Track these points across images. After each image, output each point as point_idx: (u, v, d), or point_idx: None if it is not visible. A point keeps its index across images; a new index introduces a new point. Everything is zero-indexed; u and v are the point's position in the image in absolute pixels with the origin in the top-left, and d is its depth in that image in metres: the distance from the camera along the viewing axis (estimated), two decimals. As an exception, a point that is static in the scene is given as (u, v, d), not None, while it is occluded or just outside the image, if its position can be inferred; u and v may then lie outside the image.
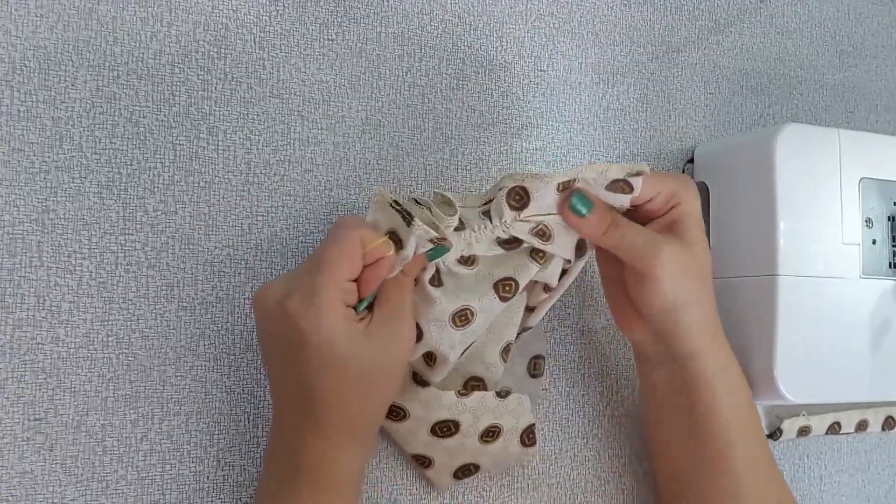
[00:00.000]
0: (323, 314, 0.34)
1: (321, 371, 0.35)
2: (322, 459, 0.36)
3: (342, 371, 0.35)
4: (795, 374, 0.44)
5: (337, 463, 0.36)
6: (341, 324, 0.35)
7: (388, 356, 0.37)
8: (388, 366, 0.37)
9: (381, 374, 0.37)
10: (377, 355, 0.36)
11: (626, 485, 0.49)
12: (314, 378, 0.35)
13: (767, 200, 0.45)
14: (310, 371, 0.35)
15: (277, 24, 0.44)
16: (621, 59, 0.52)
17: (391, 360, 0.37)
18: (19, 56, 0.38)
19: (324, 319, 0.34)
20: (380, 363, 0.36)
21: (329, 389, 0.35)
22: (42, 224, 0.38)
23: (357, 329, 0.36)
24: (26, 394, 0.37)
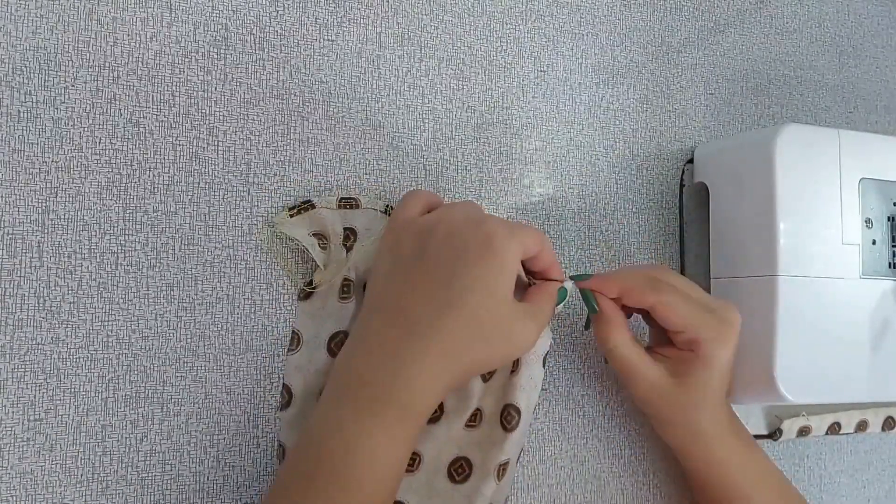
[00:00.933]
0: (515, 251, 0.36)
1: (475, 290, 0.35)
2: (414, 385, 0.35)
3: (487, 307, 0.36)
4: (795, 374, 0.44)
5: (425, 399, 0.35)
6: (517, 268, 0.37)
7: (519, 339, 0.38)
8: (511, 346, 0.38)
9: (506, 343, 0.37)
10: (521, 323, 0.37)
11: (625, 485, 0.49)
12: (466, 292, 0.35)
13: (767, 200, 0.45)
14: (466, 286, 0.35)
15: (277, 24, 0.44)
16: (621, 59, 0.52)
17: (516, 346, 0.38)
18: (19, 56, 0.38)
19: (514, 255, 0.36)
20: (516, 333, 0.37)
21: (461, 315, 0.35)
22: (42, 224, 0.38)
23: (517, 303, 0.38)
24: (26, 394, 0.37)
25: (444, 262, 0.36)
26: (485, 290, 0.35)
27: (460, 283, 0.35)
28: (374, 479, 0.34)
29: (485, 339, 0.36)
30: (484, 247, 0.36)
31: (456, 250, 0.36)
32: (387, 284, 0.38)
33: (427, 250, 0.37)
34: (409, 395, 0.35)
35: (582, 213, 0.50)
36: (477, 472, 0.41)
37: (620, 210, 0.51)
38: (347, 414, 0.35)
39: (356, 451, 0.34)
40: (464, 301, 0.35)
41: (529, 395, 0.42)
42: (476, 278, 0.35)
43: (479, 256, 0.36)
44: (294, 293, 0.43)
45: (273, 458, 0.42)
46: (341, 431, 0.35)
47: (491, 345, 0.36)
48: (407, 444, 0.36)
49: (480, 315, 0.35)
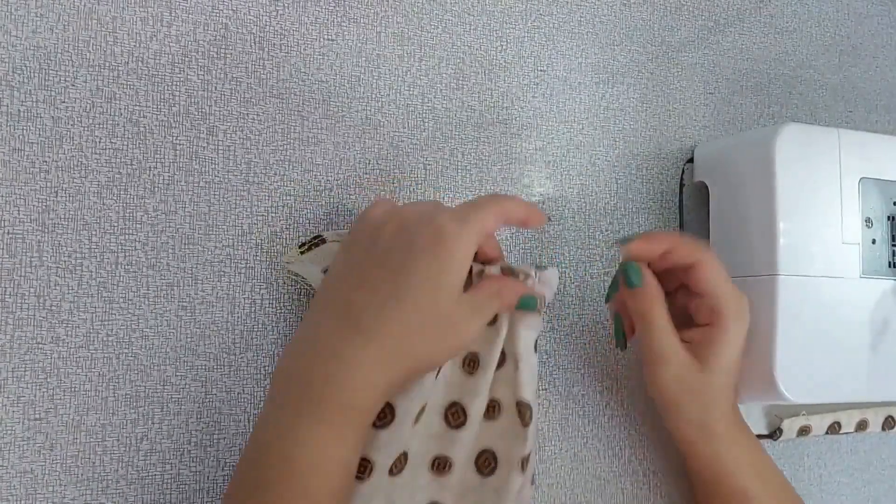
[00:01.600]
0: (466, 244, 0.35)
1: (420, 284, 0.34)
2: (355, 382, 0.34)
3: (431, 300, 0.35)
4: (795, 374, 0.44)
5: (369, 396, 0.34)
6: (469, 260, 0.36)
7: (465, 333, 0.37)
8: (458, 339, 0.37)
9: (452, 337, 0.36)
10: (467, 317, 0.36)
11: (625, 485, 0.49)
12: (411, 285, 0.34)
13: (767, 200, 0.45)
14: (412, 279, 0.34)
15: (277, 24, 0.44)
16: (621, 59, 0.52)
17: (462, 340, 0.37)
18: (19, 56, 0.38)
19: (465, 248, 0.35)
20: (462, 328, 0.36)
21: (404, 309, 0.34)
22: (42, 224, 0.38)
23: (463, 295, 0.37)
24: (26, 393, 0.37)
25: (393, 257, 0.35)
26: (430, 283, 0.35)
27: (406, 276, 0.35)
28: (320, 482, 0.33)
29: (429, 333, 0.35)
30: (433, 239, 0.35)
31: (405, 244, 0.35)
32: (335, 282, 0.37)
33: (377, 245, 0.36)
34: (351, 393, 0.34)
35: (582, 213, 0.50)
36: (502, 465, 0.41)
37: (620, 210, 0.51)
38: (289, 415, 0.34)
39: (299, 455, 0.33)
40: (407, 294, 0.34)
41: (533, 386, 0.42)
42: (422, 271, 0.35)
43: (426, 249, 0.35)
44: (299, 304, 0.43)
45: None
46: (284, 434, 0.33)
47: (436, 339, 0.35)
48: (352, 445, 0.34)
49: (424, 308, 0.34)
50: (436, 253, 0.35)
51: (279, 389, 0.35)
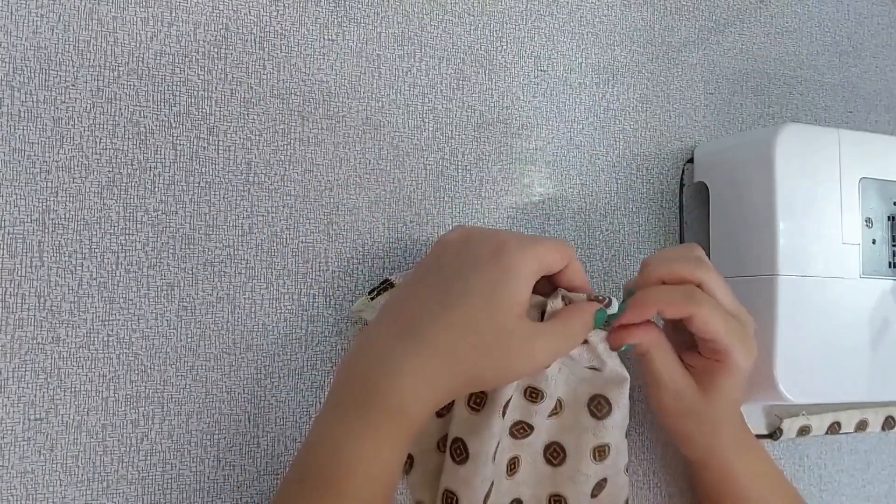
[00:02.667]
0: (527, 262, 0.35)
1: (475, 295, 0.34)
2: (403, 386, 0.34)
3: (487, 314, 0.34)
4: (795, 374, 0.44)
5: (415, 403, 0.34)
6: (529, 281, 0.36)
7: (520, 357, 0.35)
8: (511, 361, 0.35)
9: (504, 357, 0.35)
10: (524, 339, 0.35)
11: (626, 484, 0.49)
12: (466, 296, 0.34)
13: (767, 200, 0.45)
14: (468, 289, 0.34)
15: (277, 24, 0.44)
16: (621, 59, 0.52)
17: (516, 364, 0.36)
18: (20, 56, 0.38)
19: (525, 266, 0.35)
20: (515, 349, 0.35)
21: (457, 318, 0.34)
22: (43, 224, 0.38)
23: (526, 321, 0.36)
24: (27, 393, 0.37)
25: (453, 269, 0.36)
26: (486, 295, 0.35)
27: (461, 287, 0.35)
28: (360, 483, 0.33)
29: (482, 347, 0.34)
30: (493, 254, 0.35)
31: (466, 258, 0.36)
32: (399, 293, 0.38)
33: (441, 259, 0.37)
34: (398, 397, 0.34)
35: (582, 213, 0.50)
36: (571, 455, 0.42)
37: (620, 210, 0.51)
38: (336, 416, 0.34)
39: (341, 454, 0.33)
40: (462, 304, 0.34)
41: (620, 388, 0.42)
42: (478, 284, 0.35)
43: (485, 263, 0.35)
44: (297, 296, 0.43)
45: (273, 457, 0.42)
46: (329, 434, 0.34)
47: (488, 355, 0.35)
48: (396, 449, 0.34)
49: (478, 321, 0.34)
50: (494, 265, 0.35)
51: (335, 390, 0.36)
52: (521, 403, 0.41)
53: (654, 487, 0.50)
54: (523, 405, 0.41)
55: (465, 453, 0.39)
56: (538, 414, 0.41)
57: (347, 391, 0.35)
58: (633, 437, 0.50)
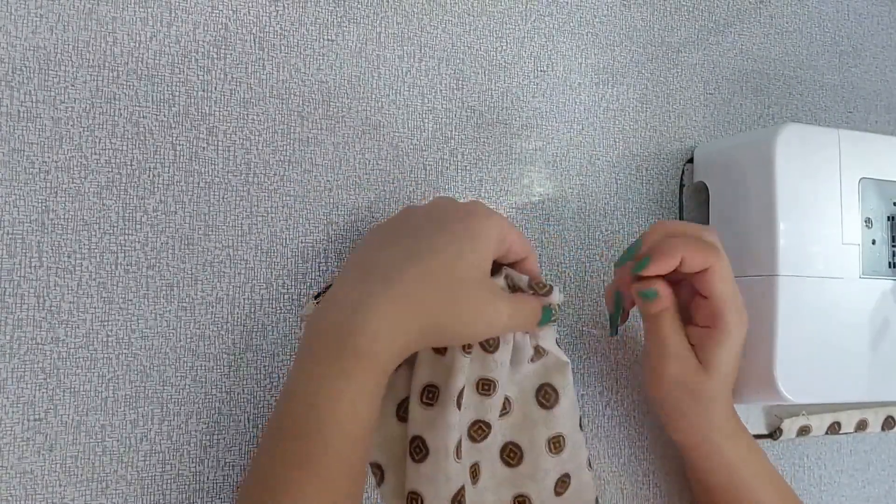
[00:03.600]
0: (494, 229, 0.37)
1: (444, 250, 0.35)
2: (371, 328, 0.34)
3: (455, 268, 0.35)
4: (795, 374, 0.44)
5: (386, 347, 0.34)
6: (493, 247, 0.37)
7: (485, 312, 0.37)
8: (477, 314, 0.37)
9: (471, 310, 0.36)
10: (490, 295, 0.37)
11: (625, 485, 0.49)
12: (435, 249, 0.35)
13: (767, 200, 0.45)
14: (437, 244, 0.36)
15: (277, 24, 0.44)
16: (621, 59, 0.52)
17: (482, 318, 0.37)
18: (19, 56, 0.38)
19: (492, 232, 0.37)
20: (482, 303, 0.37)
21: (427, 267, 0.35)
22: (42, 224, 0.38)
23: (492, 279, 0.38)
24: (26, 394, 0.37)
25: (423, 227, 0.37)
26: (454, 251, 0.36)
27: (430, 242, 0.36)
28: (336, 431, 0.33)
29: (449, 298, 0.35)
30: (462, 218, 0.37)
31: (435, 219, 0.37)
32: (365, 246, 0.39)
33: (409, 220, 0.38)
34: (367, 340, 0.34)
35: (582, 213, 0.50)
36: (528, 452, 0.41)
37: (620, 210, 0.51)
38: (308, 364, 0.35)
39: (316, 402, 0.33)
40: (430, 257, 0.35)
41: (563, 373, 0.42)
42: (447, 240, 0.36)
43: (454, 223, 0.37)
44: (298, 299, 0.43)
45: (273, 457, 0.42)
46: (305, 384, 0.34)
47: (455, 305, 0.36)
48: (370, 396, 0.34)
49: (446, 274, 0.35)
50: (463, 226, 0.36)
51: (305, 340, 0.36)
52: (475, 399, 0.40)
53: (654, 487, 0.50)
54: (477, 400, 0.40)
55: (425, 450, 0.38)
56: (492, 409, 0.40)
57: (320, 339, 0.35)
58: (632, 437, 0.50)
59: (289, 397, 0.34)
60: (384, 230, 0.39)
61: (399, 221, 0.39)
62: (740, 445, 0.44)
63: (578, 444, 0.42)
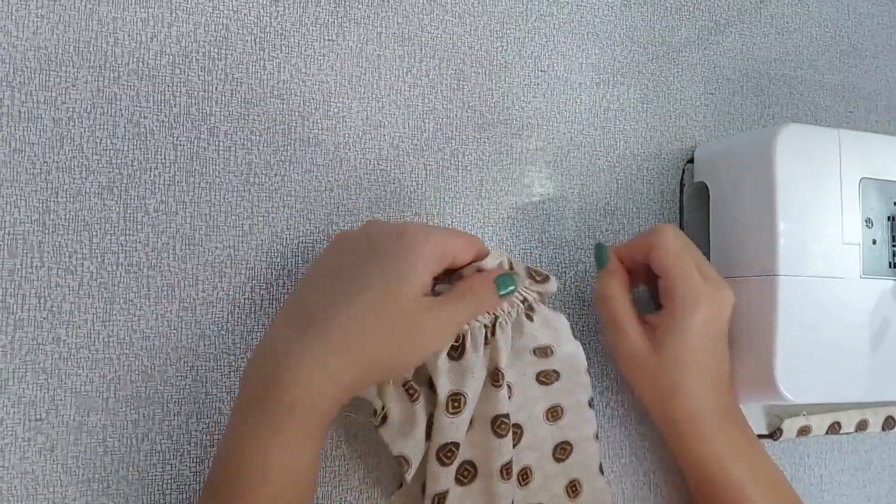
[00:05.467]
0: (427, 245, 0.35)
1: (374, 282, 0.34)
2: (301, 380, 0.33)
3: (388, 298, 0.34)
4: (795, 374, 0.44)
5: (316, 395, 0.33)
6: (429, 264, 0.36)
7: (426, 333, 0.36)
8: (418, 339, 0.36)
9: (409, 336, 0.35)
10: (425, 314, 0.35)
11: (626, 485, 0.49)
12: (364, 284, 0.34)
13: (767, 200, 0.45)
14: (367, 277, 0.34)
15: (277, 24, 0.44)
16: (621, 59, 0.52)
17: (423, 340, 0.36)
18: (20, 57, 0.38)
19: (424, 248, 0.35)
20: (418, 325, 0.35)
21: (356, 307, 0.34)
22: (43, 224, 0.38)
23: (428, 296, 0.36)
24: (27, 394, 0.37)
25: (353, 259, 0.36)
26: (385, 278, 0.34)
27: (361, 274, 0.35)
28: (271, 487, 0.32)
29: (385, 330, 0.34)
30: (393, 242, 0.35)
31: (367, 249, 0.36)
32: (297, 288, 0.38)
33: (341, 251, 0.37)
34: (296, 392, 0.32)
35: (582, 213, 0.50)
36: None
37: (620, 210, 0.51)
38: (238, 420, 0.33)
39: (247, 459, 0.32)
40: (362, 290, 0.34)
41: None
42: (378, 268, 0.35)
43: (386, 249, 0.35)
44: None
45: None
46: (237, 443, 0.33)
47: (392, 337, 0.34)
48: (303, 448, 0.33)
49: (379, 305, 0.34)
50: (395, 252, 0.35)
51: (240, 395, 0.35)
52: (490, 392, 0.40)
53: (654, 487, 0.50)
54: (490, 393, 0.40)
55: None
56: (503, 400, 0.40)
57: (251, 394, 0.34)
58: (632, 437, 0.50)
59: (224, 457, 0.34)
60: (316, 267, 0.38)
61: (330, 255, 0.38)
62: (721, 439, 0.43)
63: (582, 416, 0.43)
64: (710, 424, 0.43)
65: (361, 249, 0.36)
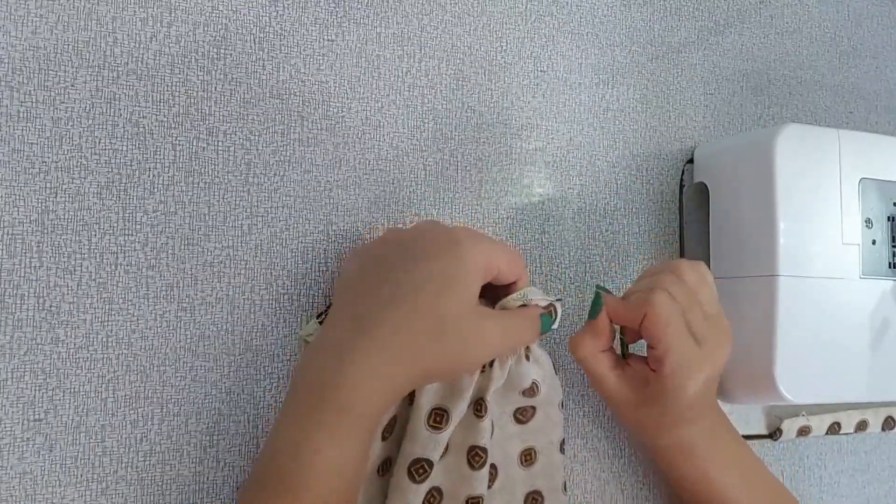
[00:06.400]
0: (479, 257, 0.36)
1: (425, 285, 0.34)
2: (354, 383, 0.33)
3: (439, 303, 0.34)
4: (795, 374, 0.44)
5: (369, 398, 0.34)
6: (480, 276, 0.36)
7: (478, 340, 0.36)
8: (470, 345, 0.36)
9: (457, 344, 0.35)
10: (474, 323, 0.36)
11: (626, 485, 0.49)
12: (415, 287, 0.34)
13: (767, 200, 0.45)
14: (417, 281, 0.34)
15: (277, 24, 0.44)
16: (621, 59, 0.52)
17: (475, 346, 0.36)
18: (19, 56, 0.38)
19: (477, 260, 0.35)
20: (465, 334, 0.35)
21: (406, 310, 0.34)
22: (42, 224, 0.38)
23: (481, 305, 0.37)
24: (26, 394, 0.37)
25: (404, 261, 0.36)
26: (436, 285, 0.34)
27: (410, 279, 0.35)
28: (320, 485, 0.32)
29: (434, 336, 0.34)
30: (446, 247, 0.35)
31: (418, 251, 0.36)
32: (346, 289, 0.38)
33: (392, 251, 0.37)
34: (350, 395, 0.33)
35: (582, 213, 0.50)
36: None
37: (620, 210, 0.51)
38: (294, 421, 0.34)
39: (299, 456, 0.33)
40: (413, 295, 0.34)
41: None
42: (429, 274, 0.35)
43: (438, 255, 0.35)
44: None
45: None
46: (289, 439, 0.33)
47: (441, 344, 0.34)
48: (354, 449, 0.34)
49: (430, 311, 0.34)
50: (447, 259, 0.35)
51: (292, 394, 0.35)
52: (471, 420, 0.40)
53: (654, 487, 0.50)
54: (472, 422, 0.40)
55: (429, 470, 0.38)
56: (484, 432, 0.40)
57: (304, 396, 0.34)
58: (632, 437, 0.50)
59: (274, 452, 0.34)
60: (369, 261, 0.38)
61: (382, 251, 0.38)
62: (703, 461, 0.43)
63: (551, 418, 0.43)
64: (697, 444, 0.43)
65: (413, 253, 0.36)
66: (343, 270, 0.40)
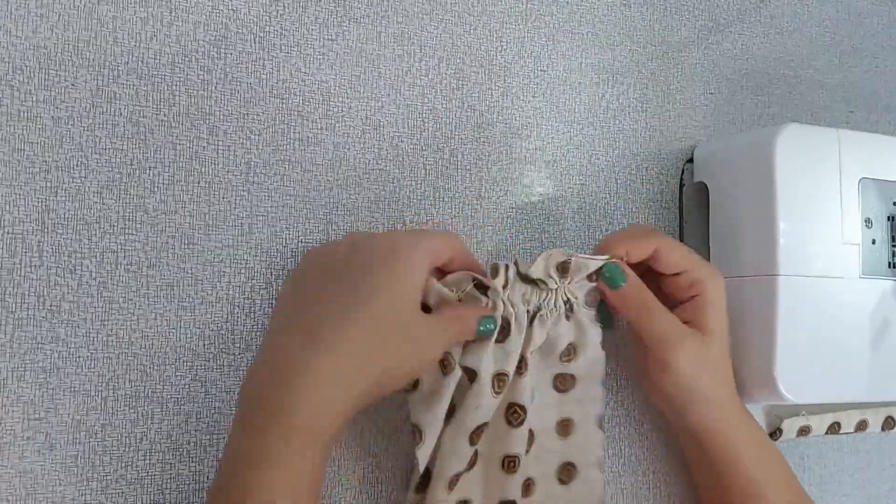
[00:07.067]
0: (420, 258, 0.36)
1: (377, 296, 0.34)
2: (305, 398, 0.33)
3: (390, 313, 0.35)
4: (795, 374, 0.44)
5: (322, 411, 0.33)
6: (424, 276, 0.36)
7: (425, 344, 0.36)
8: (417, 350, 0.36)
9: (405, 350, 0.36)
10: (420, 330, 0.36)
11: (625, 485, 0.49)
12: (368, 298, 0.34)
13: (767, 200, 0.45)
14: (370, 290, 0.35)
15: (277, 24, 0.44)
16: (621, 59, 0.52)
17: (422, 351, 0.37)
18: (19, 56, 0.38)
19: (419, 261, 0.36)
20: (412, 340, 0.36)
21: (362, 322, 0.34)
22: (42, 223, 0.38)
23: (423, 312, 0.37)
24: (26, 393, 0.37)
25: (350, 270, 0.36)
26: (387, 295, 0.35)
27: (364, 287, 0.35)
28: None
29: (385, 344, 0.35)
30: (387, 254, 0.36)
31: (361, 259, 0.36)
32: (291, 299, 0.38)
33: (333, 262, 0.37)
34: (306, 413, 0.32)
35: (582, 213, 0.50)
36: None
37: (620, 210, 0.51)
38: (242, 441, 0.33)
39: (245, 476, 0.32)
40: (362, 304, 0.34)
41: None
42: (378, 284, 0.35)
43: (382, 262, 0.35)
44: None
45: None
46: (236, 462, 0.33)
47: (398, 351, 0.35)
48: (310, 465, 0.33)
49: (382, 322, 0.34)
50: (392, 265, 0.35)
51: (239, 411, 0.35)
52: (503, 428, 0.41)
53: (654, 487, 0.50)
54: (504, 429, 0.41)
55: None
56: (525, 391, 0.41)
57: (251, 414, 0.34)
58: (632, 437, 0.50)
59: (224, 474, 0.33)
60: (307, 278, 0.38)
61: (320, 265, 0.38)
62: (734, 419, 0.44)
63: (590, 437, 0.43)
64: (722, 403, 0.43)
65: (356, 259, 0.36)
66: (285, 281, 0.40)
